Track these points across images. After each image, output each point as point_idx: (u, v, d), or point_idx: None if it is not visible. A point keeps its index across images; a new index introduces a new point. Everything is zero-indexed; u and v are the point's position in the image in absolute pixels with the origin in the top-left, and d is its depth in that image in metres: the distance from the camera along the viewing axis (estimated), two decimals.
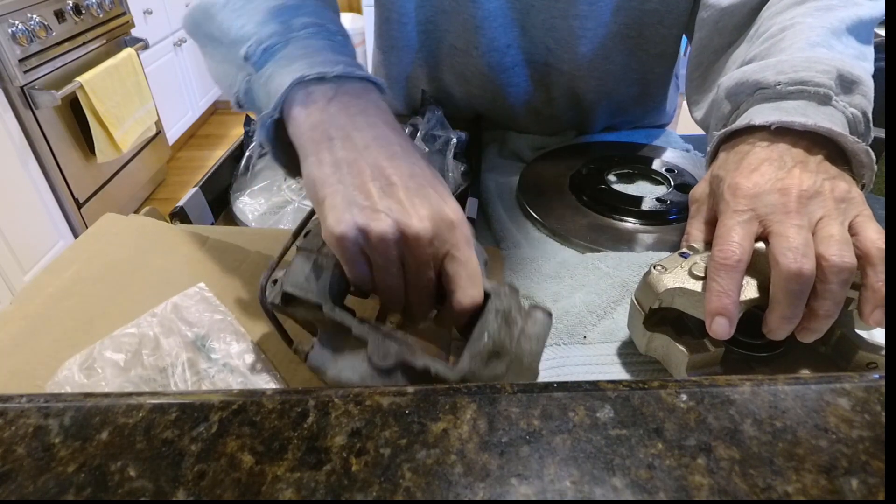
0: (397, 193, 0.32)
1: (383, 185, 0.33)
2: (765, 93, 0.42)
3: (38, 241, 1.78)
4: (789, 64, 0.42)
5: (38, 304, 0.44)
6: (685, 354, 0.36)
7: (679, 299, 0.36)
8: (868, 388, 0.23)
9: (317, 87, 0.36)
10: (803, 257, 0.32)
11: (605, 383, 0.24)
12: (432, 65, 0.78)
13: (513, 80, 0.75)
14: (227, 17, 0.42)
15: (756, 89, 0.43)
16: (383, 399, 0.23)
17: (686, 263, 0.37)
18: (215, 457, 0.21)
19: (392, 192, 0.33)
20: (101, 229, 0.52)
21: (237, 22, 0.42)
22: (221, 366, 0.39)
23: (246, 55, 0.40)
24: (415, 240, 0.32)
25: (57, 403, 0.23)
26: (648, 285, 0.37)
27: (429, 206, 0.32)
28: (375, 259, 0.32)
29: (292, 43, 0.40)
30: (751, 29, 0.52)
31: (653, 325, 0.39)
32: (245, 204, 0.66)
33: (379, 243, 0.31)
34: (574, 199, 0.63)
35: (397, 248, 0.32)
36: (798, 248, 0.33)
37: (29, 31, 1.67)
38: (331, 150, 0.34)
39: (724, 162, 0.41)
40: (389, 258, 0.32)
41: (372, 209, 0.32)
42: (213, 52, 0.45)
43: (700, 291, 0.35)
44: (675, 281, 0.36)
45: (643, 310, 0.38)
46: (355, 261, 0.33)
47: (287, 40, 0.40)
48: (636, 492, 0.19)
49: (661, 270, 0.37)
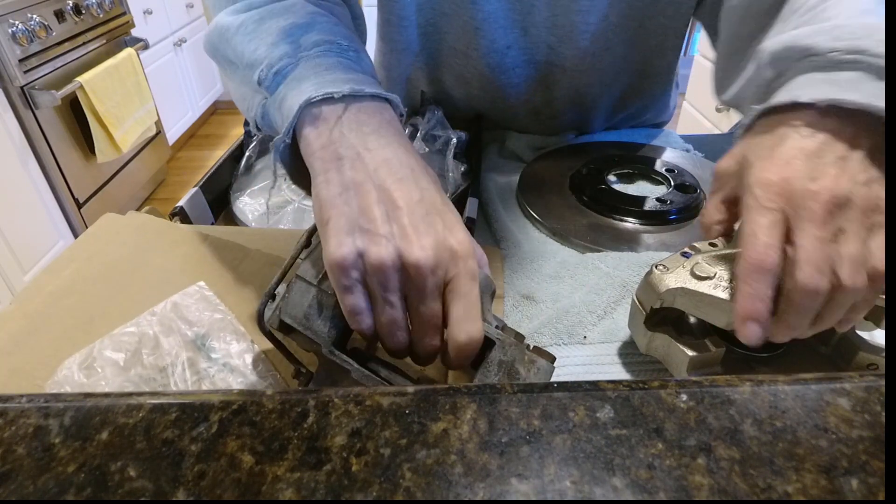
0: (402, 219, 0.31)
1: (389, 208, 0.32)
2: (815, 60, 0.37)
3: (38, 241, 1.78)
4: (847, 30, 0.37)
5: (37, 302, 0.44)
6: (686, 354, 0.36)
7: (681, 299, 0.36)
8: (868, 388, 0.23)
9: (326, 107, 0.36)
10: (821, 275, 0.31)
11: (605, 383, 0.24)
12: (432, 66, 0.78)
13: (513, 81, 0.75)
14: (241, 41, 0.42)
15: (806, 55, 0.38)
16: (383, 399, 0.23)
17: (688, 263, 0.37)
18: (215, 457, 0.21)
19: (397, 217, 0.32)
20: (101, 229, 0.52)
21: (250, 45, 0.42)
22: (221, 365, 0.39)
23: (259, 79, 0.40)
24: (415, 268, 0.30)
25: (57, 403, 0.23)
26: (650, 285, 0.37)
27: (433, 234, 0.31)
28: (374, 288, 0.31)
29: (302, 63, 0.39)
30: (784, 8, 0.48)
31: (654, 324, 0.39)
32: (245, 204, 0.66)
33: (377, 269, 0.30)
34: (574, 199, 0.63)
35: (397, 276, 0.31)
36: (818, 265, 0.31)
37: (29, 31, 1.67)
38: (340, 170, 0.33)
39: (757, 144, 0.37)
40: (388, 287, 0.31)
41: (373, 233, 0.31)
42: (232, 75, 0.45)
43: (701, 292, 0.35)
44: (677, 281, 0.36)
45: (644, 309, 0.38)
46: (352, 290, 0.31)
47: (297, 61, 0.39)
48: (636, 492, 0.19)
49: (662, 270, 0.37)
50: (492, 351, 0.33)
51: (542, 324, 0.45)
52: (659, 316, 0.39)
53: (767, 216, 0.33)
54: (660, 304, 0.37)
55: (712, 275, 0.35)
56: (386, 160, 0.34)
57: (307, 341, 0.33)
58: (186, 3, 2.85)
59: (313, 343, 0.33)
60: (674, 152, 0.74)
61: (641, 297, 0.39)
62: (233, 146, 0.74)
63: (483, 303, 0.35)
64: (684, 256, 0.38)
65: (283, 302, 0.33)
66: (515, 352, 0.33)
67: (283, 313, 0.33)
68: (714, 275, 0.35)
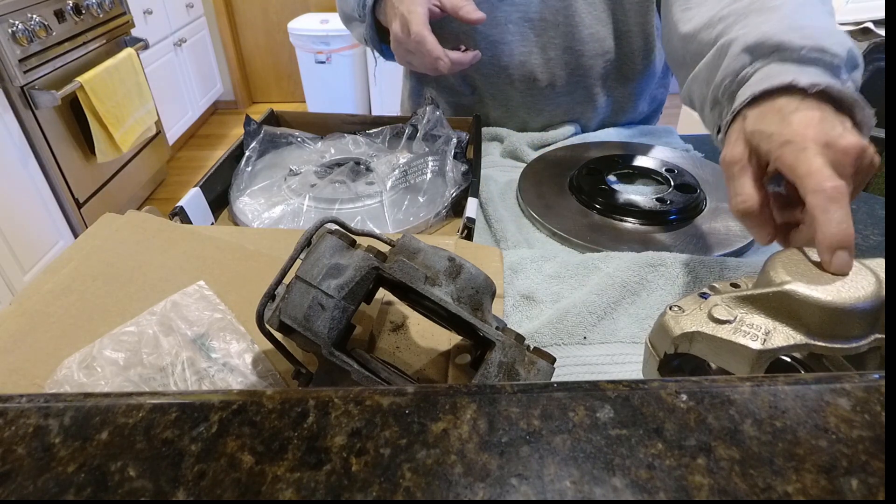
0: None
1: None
2: (785, 55, 0.43)
3: (38, 241, 1.78)
4: (812, 31, 0.44)
5: (36, 301, 0.44)
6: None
7: (697, 345, 0.33)
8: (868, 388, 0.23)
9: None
10: (850, 231, 0.33)
11: (605, 383, 0.24)
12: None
13: (506, 38, 0.77)
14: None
15: (776, 50, 0.44)
16: (383, 399, 0.23)
17: (705, 305, 0.33)
18: (215, 457, 0.21)
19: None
20: (101, 228, 0.52)
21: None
22: (221, 365, 0.39)
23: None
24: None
25: (57, 403, 0.23)
26: (663, 328, 0.34)
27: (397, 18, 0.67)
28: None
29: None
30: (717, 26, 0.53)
31: (670, 371, 0.35)
32: (245, 204, 0.66)
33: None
34: (574, 199, 0.63)
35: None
36: (847, 217, 0.34)
37: (29, 31, 1.67)
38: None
39: (762, 119, 0.40)
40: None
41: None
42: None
43: (721, 337, 0.32)
44: (693, 324, 0.33)
45: (658, 354, 0.35)
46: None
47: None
48: (636, 492, 0.19)
49: (677, 312, 0.33)
50: (492, 352, 0.33)
51: (542, 324, 0.45)
52: (675, 362, 0.35)
53: (819, 157, 0.35)
54: (674, 349, 0.34)
55: (733, 318, 0.32)
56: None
57: (307, 342, 0.33)
58: (186, 3, 2.84)
59: (313, 344, 0.33)
60: (674, 152, 0.74)
61: (654, 341, 0.35)
62: (233, 146, 0.74)
63: (483, 303, 0.35)
64: (702, 297, 0.35)
65: (283, 302, 0.33)
66: (515, 353, 0.33)
67: (282, 314, 0.33)
68: (735, 318, 0.32)
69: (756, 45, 0.45)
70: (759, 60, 0.45)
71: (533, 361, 0.33)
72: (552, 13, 0.75)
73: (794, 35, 0.43)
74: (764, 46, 0.45)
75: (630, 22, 0.77)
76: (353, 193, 0.65)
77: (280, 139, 0.77)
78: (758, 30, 0.46)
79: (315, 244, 0.35)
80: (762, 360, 0.32)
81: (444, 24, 0.76)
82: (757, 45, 0.45)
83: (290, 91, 3.48)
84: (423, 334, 0.44)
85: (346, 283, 0.33)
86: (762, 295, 0.33)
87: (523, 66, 0.79)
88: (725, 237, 0.56)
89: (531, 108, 0.83)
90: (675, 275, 0.49)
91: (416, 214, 0.63)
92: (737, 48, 0.47)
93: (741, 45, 0.46)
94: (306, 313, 0.33)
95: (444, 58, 0.66)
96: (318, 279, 0.33)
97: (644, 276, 0.49)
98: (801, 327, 0.32)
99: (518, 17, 0.76)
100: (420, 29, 0.65)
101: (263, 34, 3.33)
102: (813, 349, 0.32)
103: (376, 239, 0.39)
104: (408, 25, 0.66)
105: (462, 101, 0.87)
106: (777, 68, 0.43)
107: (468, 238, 0.55)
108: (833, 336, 0.32)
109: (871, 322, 0.32)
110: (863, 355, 0.33)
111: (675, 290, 0.49)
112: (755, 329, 0.32)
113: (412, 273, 0.34)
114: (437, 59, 0.66)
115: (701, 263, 0.50)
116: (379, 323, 0.45)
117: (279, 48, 3.34)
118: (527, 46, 0.78)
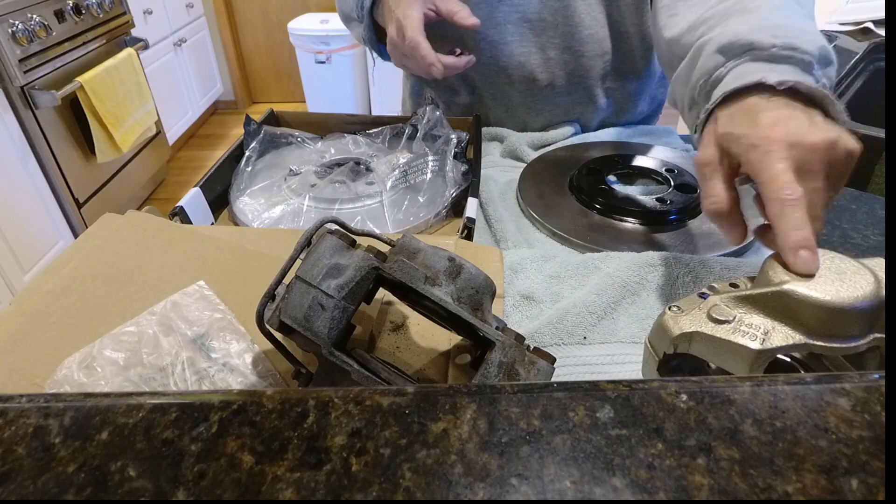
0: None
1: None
2: (756, 54, 0.44)
3: (38, 241, 1.78)
4: (784, 30, 0.44)
5: (36, 301, 0.44)
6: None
7: (696, 345, 0.33)
8: (868, 388, 0.23)
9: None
10: (808, 233, 0.34)
11: (605, 383, 0.24)
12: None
13: (505, 38, 0.77)
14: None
15: (748, 49, 0.45)
16: (383, 399, 0.23)
17: (705, 305, 0.33)
18: (215, 457, 0.21)
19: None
20: (101, 228, 0.52)
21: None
22: (221, 365, 0.39)
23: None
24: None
25: (57, 403, 0.23)
26: (662, 328, 0.34)
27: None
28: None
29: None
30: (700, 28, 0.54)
31: (669, 372, 0.36)
32: (245, 204, 0.66)
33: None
34: (574, 199, 0.63)
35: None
36: (803, 222, 0.35)
37: (29, 31, 1.67)
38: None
39: (732, 119, 0.41)
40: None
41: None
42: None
43: (719, 337, 0.32)
44: (692, 324, 0.33)
45: (657, 355, 0.35)
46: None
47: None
48: (636, 492, 0.19)
49: (676, 312, 0.34)
50: (492, 352, 0.33)
51: (542, 324, 0.45)
52: (674, 362, 0.36)
53: (783, 162, 0.36)
54: (673, 350, 0.34)
55: (731, 318, 0.32)
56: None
57: (307, 342, 0.33)
58: (186, 3, 2.84)
59: (313, 344, 0.33)
60: (674, 152, 0.74)
61: (653, 342, 0.35)
62: (233, 146, 0.74)
63: (483, 303, 0.35)
64: (701, 297, 0.35)
65: (283, 302, 0.33)
66: (515, 353, 0.33)
67: (282, 314, 0.33)
68: (734, 318, 0.32)
69: (729, 45, 0.46)
70: (732, 60, 0.46)
71: (533, 361, 0.33)
72: (551, 14, 0.75)
73: (765, 34, 0.44)
74: (736, 46, 0.45)
75: (627, 23, 0.77)
76: (353, 193, 0.65)
77: (280, 139, 0.77)
78: (731, 30, 0.47)
79: (315, 244, 0.35)
80: (761, 359, 0.32)
81: (444, 25, 0.76)
82: (730, 45, 0.46)
83: (290, 91, 3.48)
84: (423, 334, 0.44)
85: (346, 283, 0.33)
86: (761, 295, 0.33)
87: (523, 66, 0.79)
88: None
89: (531, 108, 0.83)
90: (675, 275, 0.49)
91: (416, 214, 0.63)
92: (711, 48, 0.48)
93: (715, 45, 0.47)
94: (306, 313, 0.33)
95: (437, 63, 0.67)
96: (318, 279, 0.33)
97: (644, 276, 0.49)
98: (800, 327, 0.32)
99: (517, 17, 0.76)
100: (414, 34, 0.66)
101: (263, 34, 3.33)
102: (812, 349, 0.32)
103: (376, 239, 0.39)
104: (403, 30, 0.67)
105: (462, 101, 0.87)
106: (750, 67, 0.43)
107: (468, 238, 0.55)
108: (832, 335, 0.32)
109: (869, 321, 0.32)
110: (862, 355, 0.33)
111: (674, 290, 0.49)
112: (754, 329, 0.32)
113: (412, 273, 0.34)
114: (430, 65, 0.67)
115: (701, 263, 0.50)
116: (379, 323, 0.45)
117: (279, 48, 3.34)
118: (526, 47, 0.78)
